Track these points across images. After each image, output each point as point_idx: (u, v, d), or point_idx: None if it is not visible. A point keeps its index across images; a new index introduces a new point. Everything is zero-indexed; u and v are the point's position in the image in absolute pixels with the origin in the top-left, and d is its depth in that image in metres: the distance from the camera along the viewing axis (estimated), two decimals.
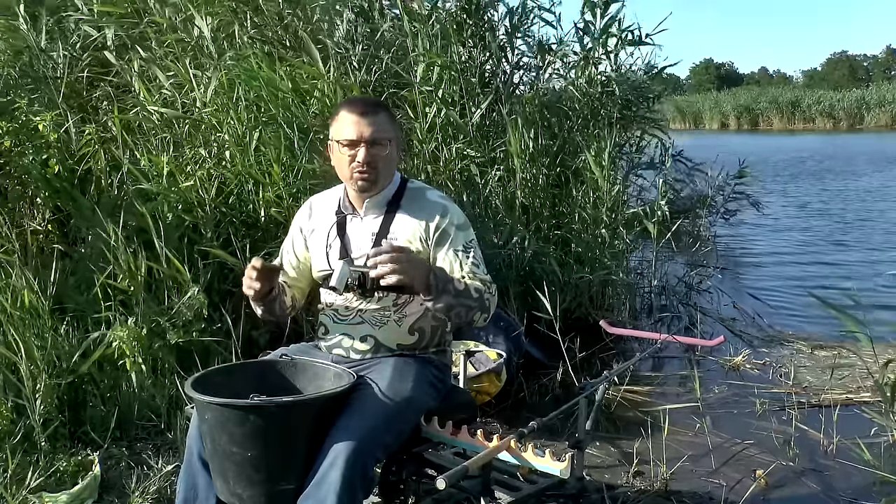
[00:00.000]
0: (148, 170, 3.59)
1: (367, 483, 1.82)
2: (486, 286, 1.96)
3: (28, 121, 3.52)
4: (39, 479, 2.60)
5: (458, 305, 1.89)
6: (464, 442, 2.05)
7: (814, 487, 2.77)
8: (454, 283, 1.89)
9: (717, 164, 7.70)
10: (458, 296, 1.88)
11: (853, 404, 3.51)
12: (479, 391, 3.22)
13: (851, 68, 69.59)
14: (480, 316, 1.95)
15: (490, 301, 1.96)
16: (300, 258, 2.16)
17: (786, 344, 4.42)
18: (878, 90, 38.51)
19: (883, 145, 22.53)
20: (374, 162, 1.97)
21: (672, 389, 3.78)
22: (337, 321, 2.07)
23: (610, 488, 2.74)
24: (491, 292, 1.97)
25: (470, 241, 2.03)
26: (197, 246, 3.56)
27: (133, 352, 3.03)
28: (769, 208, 10.42)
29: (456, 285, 1.89)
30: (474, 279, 1.96)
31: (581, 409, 2.13)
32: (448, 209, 2.04)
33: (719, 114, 39.49)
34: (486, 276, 2.01)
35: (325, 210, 2.14)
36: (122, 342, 3.02)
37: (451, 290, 1.87)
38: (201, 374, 1.94)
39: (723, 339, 3.86)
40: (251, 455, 1.74)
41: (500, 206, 4.42)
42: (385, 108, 2.07)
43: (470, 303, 1.91)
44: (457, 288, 1.89)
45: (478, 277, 1.97)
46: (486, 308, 1.95)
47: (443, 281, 1.86)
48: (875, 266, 6.69)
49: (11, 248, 3.24)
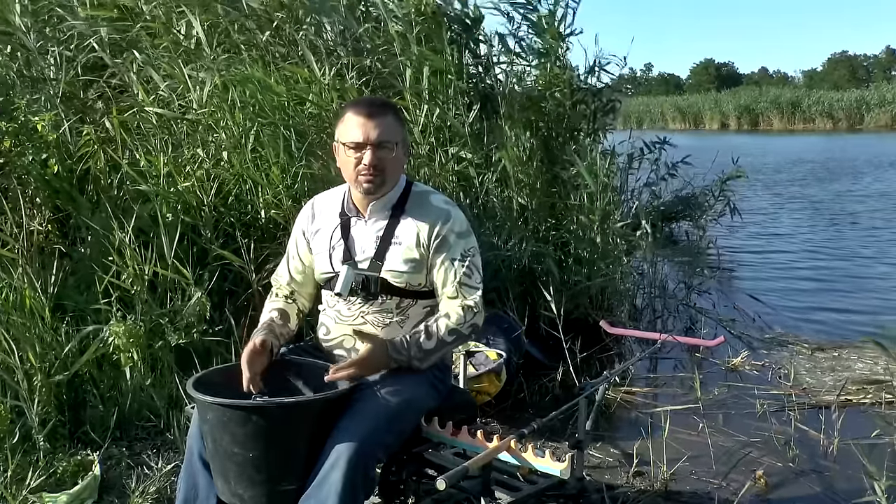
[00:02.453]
0: (147, 170, 3.59)
1: (369, 483, 1.83)
2: (467, 310, 2.00)
3: (27, 121, 3.52)
4: (39, 479, 2.60)
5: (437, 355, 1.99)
6: (464, 442, 2.06)
7: (814, 488, 2.77)
8: (420, 347, 1.95)
9: (716, 165, 7.69)
10: (428, 355, 1.96)
11: (853, 406, 3.51)
12: (479, 391, 3.22)
13: (852, 68, 69.64)
14: (463, 342, 2.08)
15: (472, 327, 2.02)
16: (305, 262, 2.15)
17: (785, 345, 4.42)
18: (879, 90, 38.52)
19: (884, 147, 22.51)
20: (381, 165, 1.96)
21: (672, 390, 3.78)
22: (338, 322, 2.07)
23: (610, 488, 2.75)
24: (472, 317, 2.01)
25: (469, 248, 2.03)
26: (197, 246, 3.56)
27: (129, 348, 3.03)
28: (769, 209, 10.44)
29: (424, 346, 1.95)
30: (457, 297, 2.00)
31: (581, 409, 2.14)
32: (451, 216, 2.03)
33: (719, 114, 39.50)
34: (475, 292, 2.02)
35: (329, 211, 2.13)
36: (117, 337, 3.01)
37: (420, 358, 1.95)
38: (202, 374, 1.94)
39: (723, 339, 3.85)
40: (252, 455, 1.74)
41: (498, 207, 4.42)
42: (392, 109, 2.05)
43: (445, 348, 2.00)
44: (425, 350, 1.95)
45: (464, 293, 2.00)
46: (465, 337, 2.04)
47: (408, 357, 1.94)
48: (878, 266, 6.71)
49: (12, 247, 3.24)
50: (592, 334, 4.21)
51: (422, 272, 2.01)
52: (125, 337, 3.02)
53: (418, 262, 2.00)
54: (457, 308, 1.99)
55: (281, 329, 2.09)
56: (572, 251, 4.54)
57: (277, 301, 2.17)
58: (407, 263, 2.00)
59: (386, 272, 1.99)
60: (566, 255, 4.55)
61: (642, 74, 73.30)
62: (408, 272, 2.00)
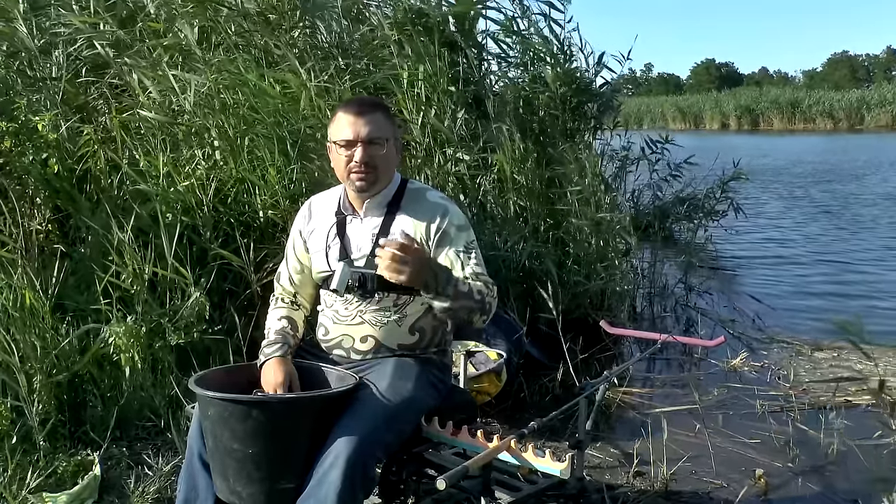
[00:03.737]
0: (146, 170, 3.59)
1: (368, 483, 1.83)
2: (489, 288, 1.96)
3: (27, 121, 3.52)
4: (39, 479, 2.60)
5: (459, 308, 1.89)
6: (464, 442, 2.05)
7: (814, 488, 2.77)
8: (457, 286, 1.88)
9: (717, 165, 7.68)
10: (457, 298, 1.87)
11: (853, 406, 3.51)
12: (479, 391, 3.22)
13: (852, 68, 69.68)
14: (480, 317, 1.95)
15: (491, 304, 1.96)
16: (302, 262, 2.16)
17: (785, 346, 4.42)
18: (879, 90, 38.54)
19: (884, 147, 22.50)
20: (372, 162, 1.97)
21: (672, 390, 3.78)
22: (337, 321, 2.07)
23: (610, 488, 2.75)
24: (493, 295, 1.97)
25: (471, 241, 2.04)
26: (196, 246, 3.55)
27: (129, 348, 3.03)
28: (769, 209, 10.44)
29: (459, 287, 1.88)
30: (477, 280, 1.96)
31: (581, 409, 2.14)
32: (448, 210, 2.04)
33: (720, 114, 39.54)
34: (488, 278, 2.01)
35: (325, 210, 2.13)
36: (117, 337, 3.01)
37: (450, 293, 1.86)
38: (204, 373, 1.96)
39: (723, 339, 3.83)
40: (252, 452, 1.75)
41: (496, 207, 4.41)
42: (382, 107, 2.06)
43: (470, 304, 1.90)
44: (459, 290, 1.88)
45: (480, 279, 1.97)
46: (486, 310, 1.95)
47: (443, 283, 1.85)
48: (878, 266, 6.70)
49: (13, 247, 3.24)
50: (592, 334, 4.20)
51: None
52: (125, 337, 3.02)
53: None
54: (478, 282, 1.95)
55: (294, 340, 2.10)
56: (571, 251, 4.54)
57: (282, 308, 2.16)
58: None
59: None
60: (565, 255, 4.55)
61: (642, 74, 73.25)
62: None
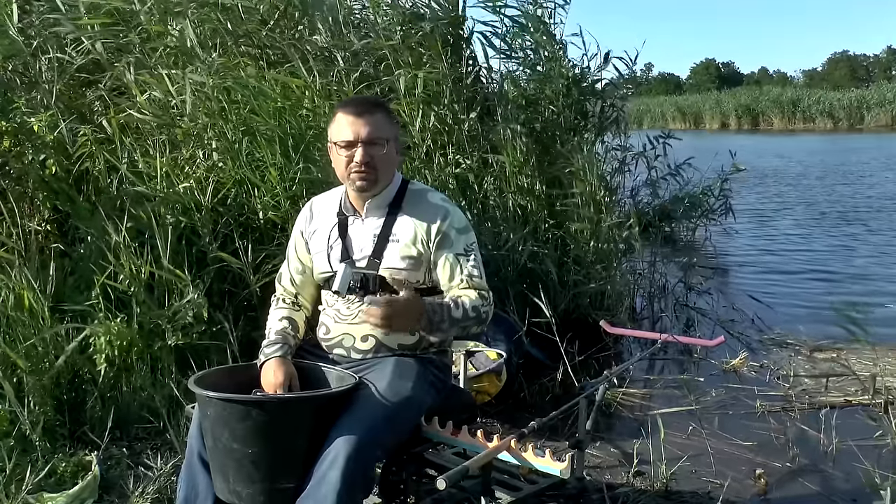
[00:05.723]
0: (145, 171, 3.58)
1: (368, 483, 1.83)
2: (484, 298, 2.00)
3: (24, 122, 3.51)
4: (38, 479, 2.60)
5: (455, 331, 1.97)
6: (464, 442, 2.06)
7: (813, 488, 2.77)
8: (449, 313, 1.92)
9: (717, 165, 7.69)
10: (452, 326, 1.94)
11: (852, 406, 3.51)
12: (479, 391, 3.22)
13: (852, 68, 69.72)
14: (476, 328, 2.01)
15: (487, 313, 2.00)
16: (304, 263, 2.16)
17: (784, 346, 4.42)
18: (879, 90, 38.54)
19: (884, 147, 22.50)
20: (372, 162, 1.97)
21: (671, 391, 3.77)
22: (338, 321, 2.07)
23: (610, 488, 2.74)
24: (488, 302, 2.01)
25: (470, 244, 2.04)
26: (195, 247, 3.55)
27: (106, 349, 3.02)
28: (769, 209, 10.44)
29: (453, 314, 1.93)
30: (470, 288, 1.99)
31: (581, 409, 2.14)
32: (449, 212, 2.04)
33: (720, 114, 39.57)
34: (484, 284, 2.03)
35: (327, 211, 2.13)
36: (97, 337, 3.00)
37: (444, 328, 1.93)
38: (204, 373, 1.96)
39: (723, 339, 3.84)
40: (251, 452, 1.75)
41: (497, 207, 4.41)
42: (382, 107, 2.07)
43: (466, 324, 1.96)
44: (453, 318, 1.93)
45: (474, 284, 2.00)
46: (482, 321, 2.00)
47: (437, 322, 1.90)
48: (879, 266, 6.70)
49: (11, 247, 3.23)
50: (592, 334, 4.20)
51: (420, 269, 2.02)
52: (105, 337, 3.01)
53: (416, 260, 2.01)
54: (473, 293, 1.99)
55: (294, 340, 2.10)
56: (571, 251, 4.54)
57: (283, 308, 2.16)
58: (405, 260, 2.00)
59: (384, 270, 2.00)
60: (566, 255, 4.55)
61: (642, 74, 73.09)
62: (406, 269, 2.00)
